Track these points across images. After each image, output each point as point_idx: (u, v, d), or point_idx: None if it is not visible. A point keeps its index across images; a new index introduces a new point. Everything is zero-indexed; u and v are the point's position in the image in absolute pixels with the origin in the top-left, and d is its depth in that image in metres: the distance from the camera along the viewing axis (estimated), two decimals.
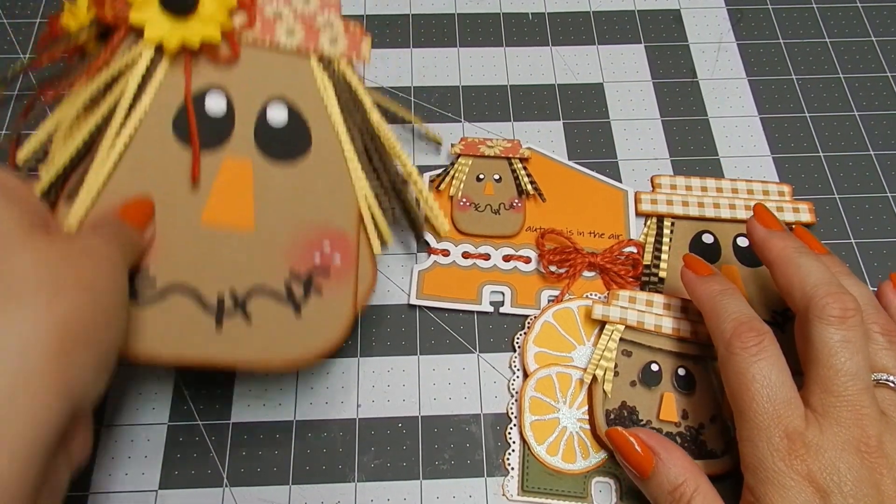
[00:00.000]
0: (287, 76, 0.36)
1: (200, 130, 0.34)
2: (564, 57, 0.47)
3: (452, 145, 0.42)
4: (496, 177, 0.41)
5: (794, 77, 0.47)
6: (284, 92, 0.36)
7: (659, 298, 0.36)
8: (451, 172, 0.41)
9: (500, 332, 0.38)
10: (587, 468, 0.34)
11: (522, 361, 0.36)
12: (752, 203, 0.41)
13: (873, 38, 0.48)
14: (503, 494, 0.34)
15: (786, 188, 0.42)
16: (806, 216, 0.41)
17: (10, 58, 0.46)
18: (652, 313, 0.36)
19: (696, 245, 0.40)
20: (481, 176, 0.41)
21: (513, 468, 0.34)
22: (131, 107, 0.34)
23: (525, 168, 0.41)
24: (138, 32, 0.34)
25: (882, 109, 0.46)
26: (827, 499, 0.26)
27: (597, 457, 0.34)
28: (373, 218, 0.36)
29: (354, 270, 0.34)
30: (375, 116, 0.37)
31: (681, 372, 0.35)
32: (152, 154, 0.34)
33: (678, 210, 0.41)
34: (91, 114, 0.34)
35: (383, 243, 0.36)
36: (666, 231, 0.40)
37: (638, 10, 0.49)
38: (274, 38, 0.36)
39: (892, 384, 0.29)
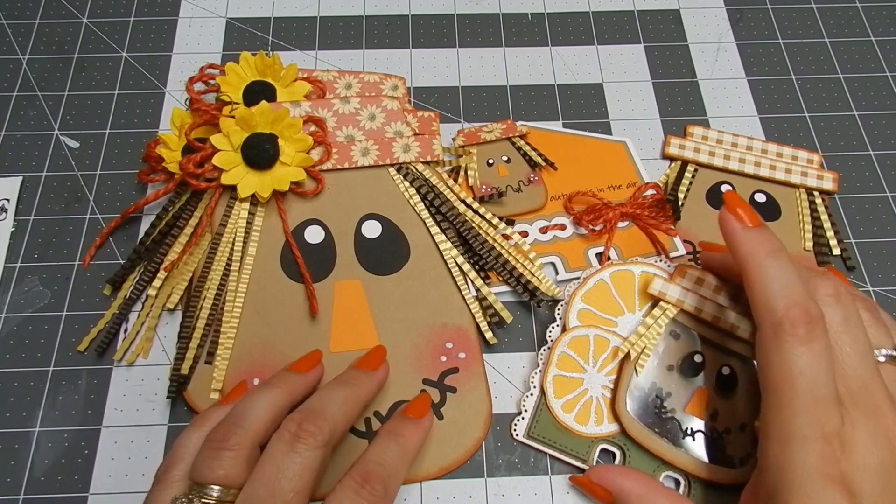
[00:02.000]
0: (372, 192, 0.39)
1: (307, 263, 0.37)
2: (564, 57, 0.47)
3: (453, 139, 0.43)
4: (504, 158, 0.42)
5: (793, 77, 0.47)
6: (373, 207, 0.38)
7: (729, 288, 0.33)
8: (462, 165, 0.41)
9: (507, 332, 0.38)
10: (597, 434, 0.34)
11: (565, 314, 0.36)
12: (779, 165, 0.42)
13: (873, 38, 0.48)
14: (511, 431, 0.35)
15: (815, 157, 0.43)
16: (829, 184, 0.42)
17: (10, 58, 0.46)
18: (715, 302, 0.33)
19: (714, 194, 0.41)
20: (490, 161, 0.42)
21: (526, 411, 0.35)
22: (242, 258, 0.37)
23: (528, 143, 0.42)
24: (232, 188, 0.37)
25: (882, 109, 0.46)
26: (855, 499, 0.24)
27: (609, 427, 0.34)
28: (482, 305, 0.37)
29: (481, 360, 0.36)
30: (461, 206, 0.39)
31: (725, 371, 0.33)
32: (270, 297, 0.36)
33: (703, 158, 0.42)
34: (206, 276, 0.36)
35: (503, 323, 0.37)
36: (687, 175, 0.42)
37: (637, 10, 0.49)
38: (352, 161, 0.39)
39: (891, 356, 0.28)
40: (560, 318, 0.36)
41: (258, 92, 0.40)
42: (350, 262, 0.37)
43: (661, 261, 0.37)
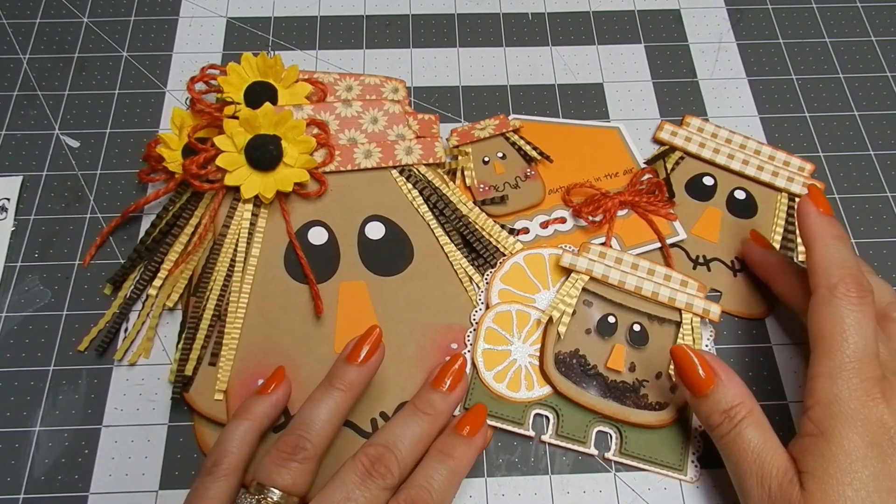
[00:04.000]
0: (375, 194, 0.39)
1: (310, 264, 0.37)
2: (564, 57, 0.47)
3: (447, 140, 0.43)
4: (500, 154, 0.42)
5: (794, 77, 0.47)
6: (376, 209, 0.39)
7: (628, 258, 0.37)
8: (458, 166, 0.41)
9: None
10: (529, 399, 0.35)
11: (487, 295, 0.37)
12: (767, 167, 0.42)
13: (873, 38, 0.48)
14: None
15: (808, 166, 0.42)
16: None
17: (11, 58, 0.46)
18: (619, 269, 0.37)
19: (695, 184, 0.42)
20: (486, 158, 0.42)
21: None
22: (245, 259, 0.37)
23: (522, 137, 0.42)
24: (234, 189, 0.38)
25: (882, 109, 0.46)
26: (892, 441, 0.28)
27: (540, 390, 0.35)
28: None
29: None
30: (465, 208, 0.39)
31: (636, 328, 0.36)
32: (274, 298, 0.37)
33: (692, 148, 0.42)
34: (209, 277, 0.37)
35: None
36: (671, 157, 0.42)
37: (638, 10, 0.49)
38: (354, 164, 0.39)
39: None
40: (482, 300, 0.37)
41: (259, 92, 0.40)
42: (354, 263, 0.38)
43: (566, 247, 0.39)
